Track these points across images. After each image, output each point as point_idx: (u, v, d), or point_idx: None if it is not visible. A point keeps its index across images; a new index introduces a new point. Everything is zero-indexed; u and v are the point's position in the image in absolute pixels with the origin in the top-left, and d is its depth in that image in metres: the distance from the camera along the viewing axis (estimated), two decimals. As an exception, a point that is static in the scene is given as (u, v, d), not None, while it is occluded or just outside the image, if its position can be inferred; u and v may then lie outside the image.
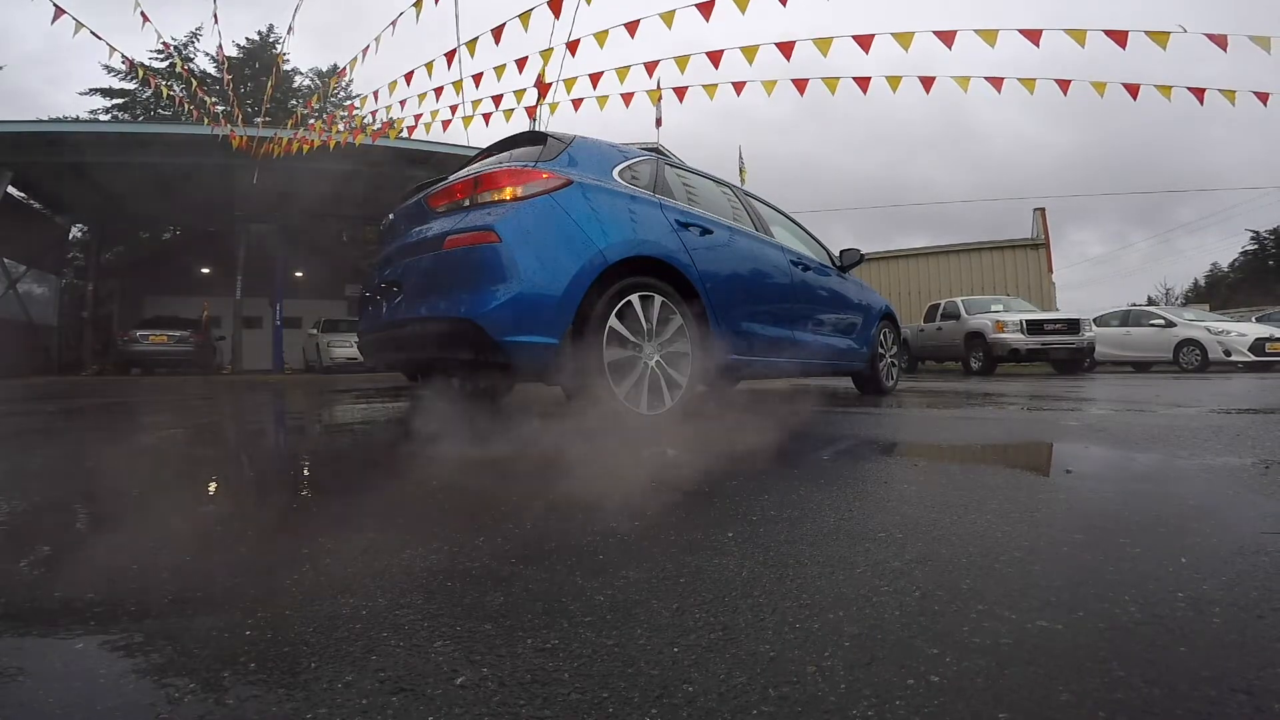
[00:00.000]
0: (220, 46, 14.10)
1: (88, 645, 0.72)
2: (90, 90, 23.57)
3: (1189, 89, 4.56)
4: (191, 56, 23.01)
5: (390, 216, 3.05)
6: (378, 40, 5.86)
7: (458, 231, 2.36)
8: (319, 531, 1.20)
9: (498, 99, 6.42)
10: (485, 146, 3.28)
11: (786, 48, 4.91)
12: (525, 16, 4.83)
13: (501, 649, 0.69)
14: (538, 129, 4.60)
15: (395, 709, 0.57)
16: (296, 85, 25.39)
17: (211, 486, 1.78)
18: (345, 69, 7.08)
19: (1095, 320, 11.35)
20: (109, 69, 22.08)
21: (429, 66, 5.90)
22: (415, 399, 3.30)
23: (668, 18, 4.77)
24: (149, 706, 0.59)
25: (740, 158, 15.96)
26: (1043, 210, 15.91)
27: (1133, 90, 4.58)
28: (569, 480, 1.63)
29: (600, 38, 5.06)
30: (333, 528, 1.24)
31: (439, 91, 6.30)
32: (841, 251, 4.52)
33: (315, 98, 20.27)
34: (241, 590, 0.88)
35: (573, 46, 5.02)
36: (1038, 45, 4.38)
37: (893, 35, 4.53)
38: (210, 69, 22.20)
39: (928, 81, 5.00)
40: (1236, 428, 2.45)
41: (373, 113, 7.88)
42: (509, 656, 0.67)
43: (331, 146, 8.94)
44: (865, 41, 4.61)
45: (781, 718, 0.55)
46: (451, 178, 2.80)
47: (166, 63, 19.14)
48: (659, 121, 12.65)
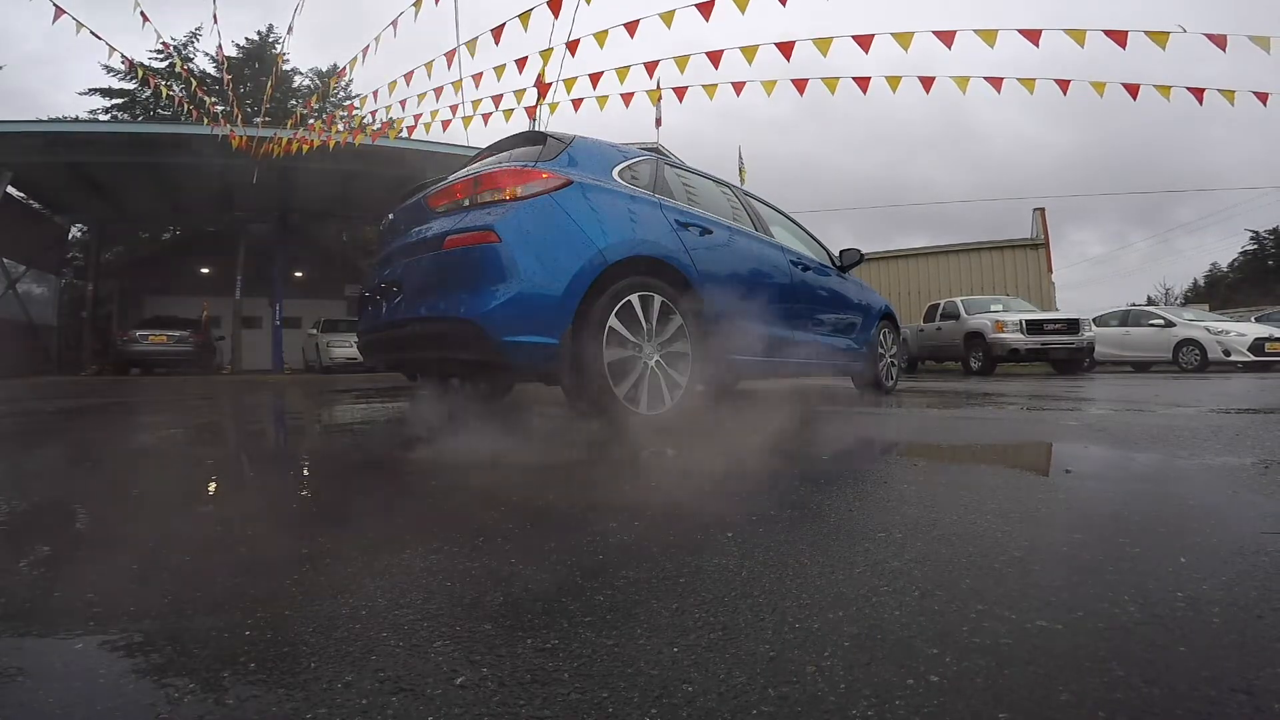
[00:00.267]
0: (220, 46, 14.11)
1: (88, 645, 0.72)
2: (90, 90, 23.57)
3: (1188, 89, 4.56)
4: (191, 56, 23.00)
5: (390, 216, 3.05)
6: (378, 40, 5.86)
7: (457, 231, 2.36)
8: (319, 531, 1.20)
9: (498, 99, 6.42)
10: (485, 146, 3.28)
11: (786, 48, 4.91)
12: (525, 16, 4.84)
13: (501, 649, 0.69)
14: (537, 129, 4.60)
15: (395, 709, 0.57)
16: (296, 85, 25.37)
17: (211, 486, 1.78)
18: (345, 69, 7.08)
19: (1095, 320, 11.34)
20: (109, 69, 22.07)
21: (429, 66, 5.90)
22: (415, 399, 3.30)
23: (667, 18, 4.77)
24: (149, 706, 0.59)
25: (740, 158, 15.97)
26: (1042, 210, 15.91)
27: (1132, 90, 4.59)
28: (568, 480, 1.63)
29: (600, 38, 5.06)
30: (332, 528, 1.24)
31: (439, 91, 6.30)
32: (841, 251, 4.52)
33: (315, 98, 20.26)
34: (241, 590, 0.88)
35: (572, 46, 5.02)
36: (1037, 45, 4.38)
37: (892, 35, 4.54)
38: (210, 69, 22.19)
39: (927, 81, 5.00)
40: (1236, 428, 2.45)
41: (372, 113, 7.89)
42: (509, 656, 0.67)
43: (331, 146, 8.95)
44: (865, 41, 4.61)
45: (781, 717, 0.55)
46: (451, 177, 2.80)
47: (166, 63, 19.13)
48: (659, 121, 12.66)
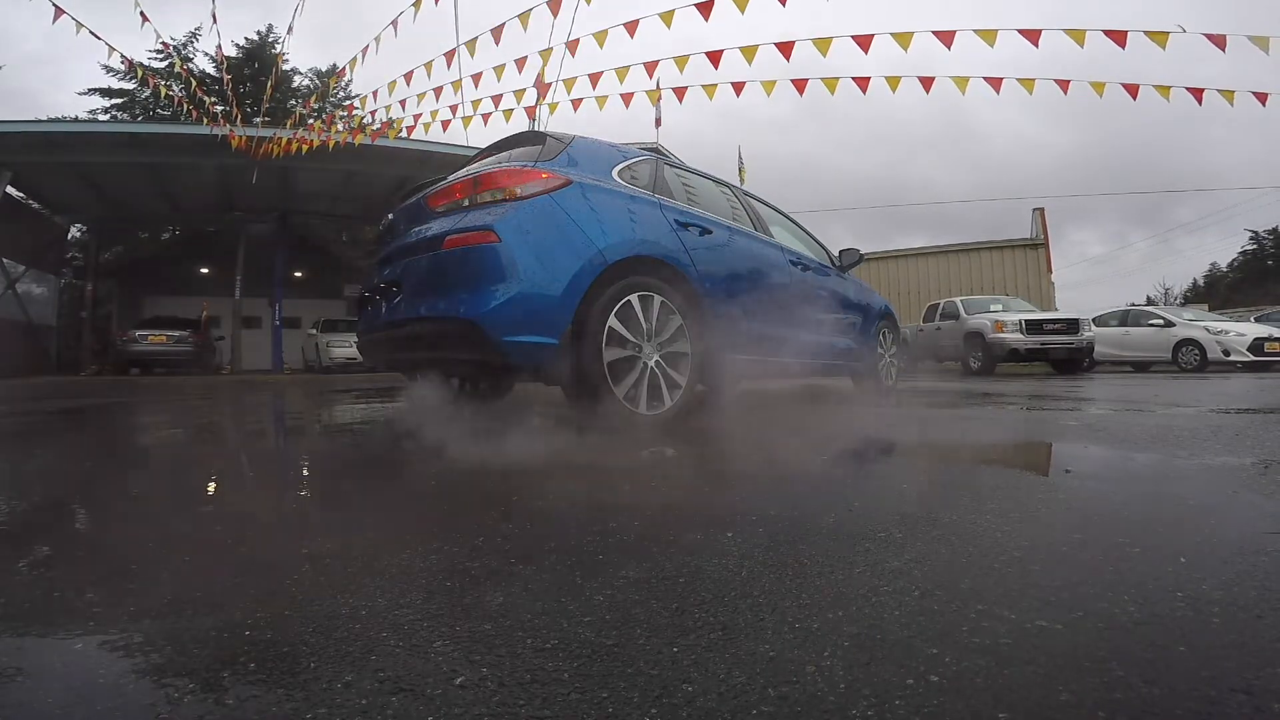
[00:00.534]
0: (219, 46, 14.08)
1: (87, 645, 0.72)
2: (89, 90, 23.50)
3: (1188, 89, 4.57)
4: (191, 56, 22.93)
5: (389, 216, 3.05)
6: (377, 40, 5.86)
7: (457, 231, 2.36)
8: (318, 531, 1.20)
9: (497, 99, 6.43)
10: (485, 146, 3.28)
11: (786, 48, 4.91)
12: (525, 16, 4.84)
13: (501, 649, 0.69)
14: (537, 129, 4.60)
15: (395, 709, 0.57)
16: (296, 85, 25.33)
17: (210, 486, 1.78)
18: (345, 69, 7.08)
19: (1094, 320, 11.34)
20: (108, 69, 22.00)
21: (428, 66, 5.90)
22: (414, 399, 3.30)
23: (667, 18, 4.77)
24: (149, 706, 0.59)
25: (740, 158, 15.97)
26: (1042, 210, 15.92)
27: (1132, 90, 4.59)
28: (568, 480, 1.63)
29: (600, 38, 5.07)
30: (332, 528, 1.24)
31: (439, 91, 6.31)
32: (841, 251, 4.52)
33: (315, 97, 20.24)
34: (241, 590, 0.88)
35: (572, 46, 5.02)
36: (1037, 45, 4.39)
37: (892, 35, 4.54)
38: (210, 69, 22.16)
39: (927, 81, 5.01)
40: (1235, 427, 2.45)
41: (372, 113, 7.89)
42: (509, 656, 0.67)
43: (331, 146, 8.95)
44: (865, 41, 4.62)
45: (781, 717, 0.55)
46: (451, 178, 2.80)
47: (166, 63, 19.10)
48: (658, 121, 12.67)
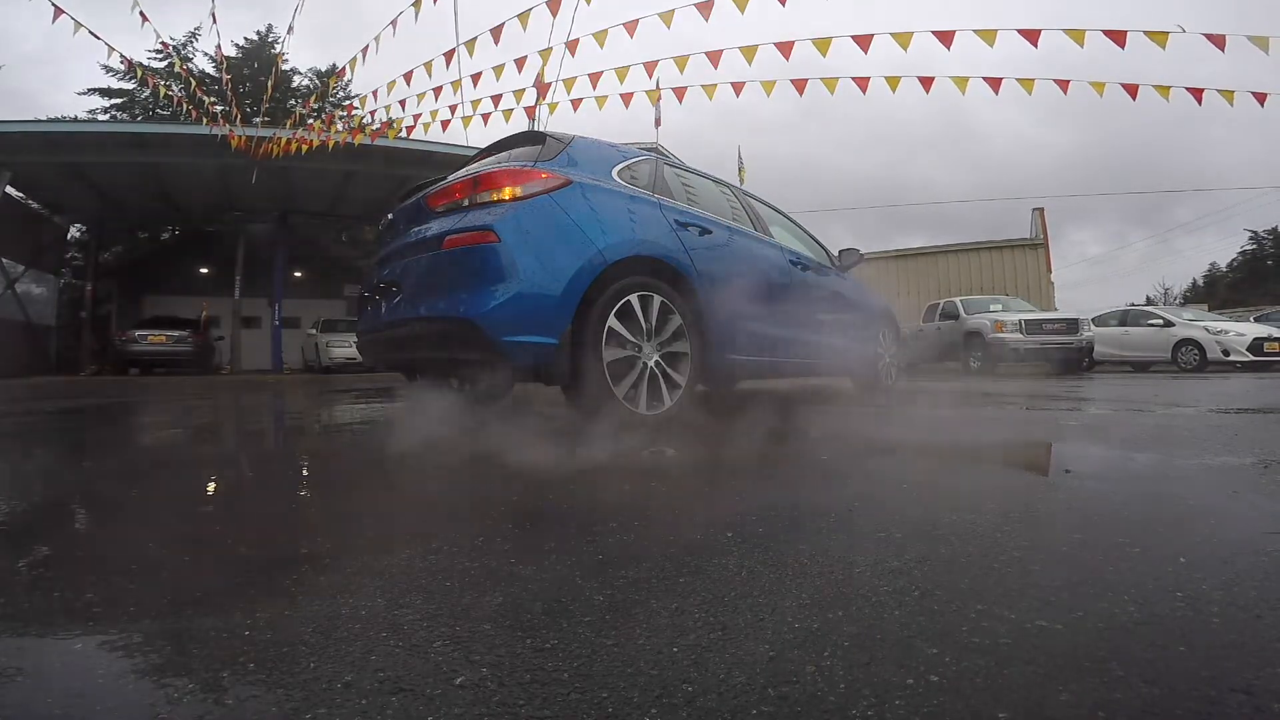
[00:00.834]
0: (219, 46, 14.06)
1: (87, 645, 0.72)
2: (89, 90, 23.48)
3: (1187, 89, 4.57)
4: (190, 56, 22.91)
5: (389, 216, 3.05)
6: (377, 40, 5.86)
7: (457, 231, 2.36)
8: (319, 531, 1.20)
9: (497, 99, 6.42)
10: (484, 146, 3.28)
11: (786, 48, 4.91)
12: (524, 16, 4.84)
13: (501, 649, 0.69)
14: (537, 129, 4.60)
15: (394, 709, 0.57)
16: (295, 85, 25.32)
17: (210, 486, 1.78)
18: (344, 69, 7.08)
19: (1094, 320, 11.34)
20: (108, 69, 21.98)
21: (428, 66, 5.90)
22: (414, 399, 3.30)
23: (667, 18, 4.77)
24: (149, 706, 0.59)
25: (739, 158, 15.97)
26: (1041, 210, 15.93)
27: (1132, 90, 4.59)
28: (568, 480, 1.63)
29: (599, 38, 5.06)
30: (332, 528, 1.24)
31: (438, 91, 6.30)
32: (841, 251, 4.52)
33: (314, 97, 20.22)
34: (241, 590, 0.88)
35: (572, 46, 5.02)
36: (1036, 45, 4.39)
37: (892, 35, 4.54)
38: (209, 69, 22.15)
39: (927, 81, 5.01)
40: (1235, 427, 2.45)
41: (371, 112, 7.88)
42: (508, 656, 0.67)
43: (330, 146, 8.94)
44: (864, 41, 4.61)
45: (781, 717, 0.55)
46: (450, 178, 2.80)
47: (165, 62, 19.08)
48: (658, 121, 12.65)
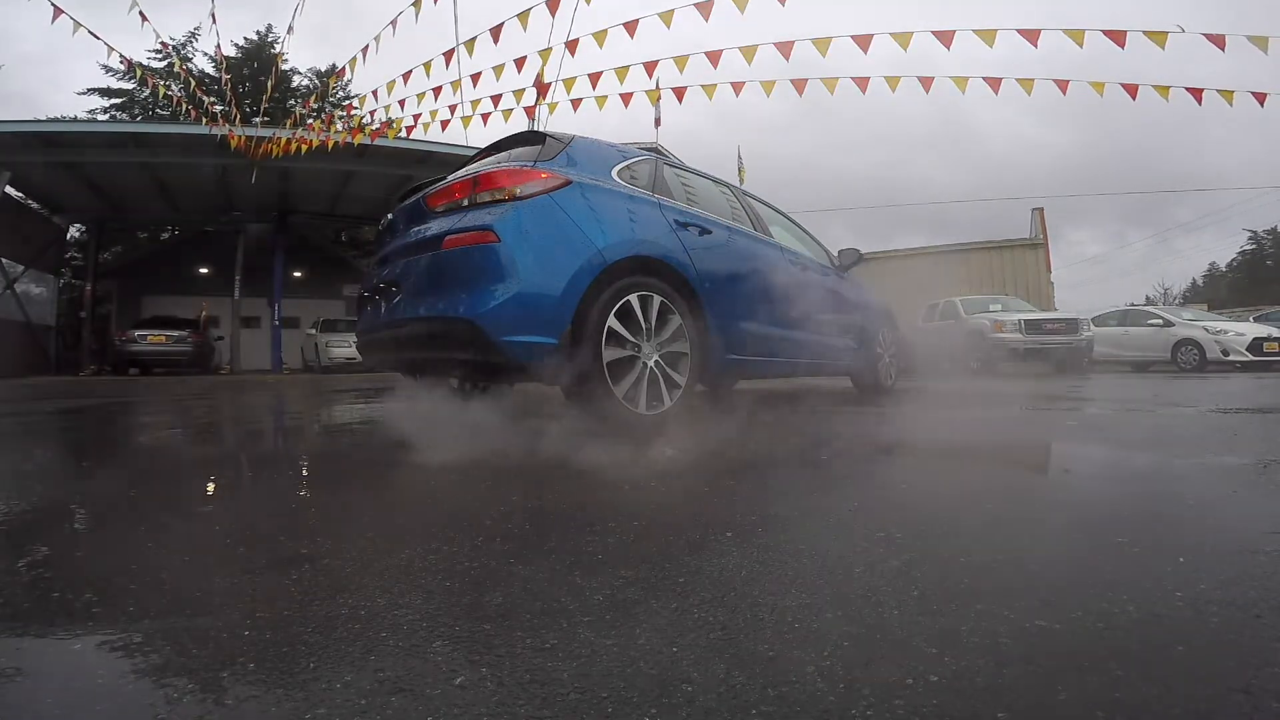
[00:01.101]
0: (218, 46, 14.06)
1: (86, 645, 0.72)
2: (88, 90, 23.46)
3: (1187, 89, 4.57)
4: (190, 56, 22.91)
5: (389, 216, 3.05)
6: (377, 40, 5.85)
7: (456, 231, 2.36)
8: (319, 531, 1.20)
9: (497, 99, 6.41)
10: (484, 146, 3.28)
11: (785, 48, 4.91)
12: (524, 16, 4.83)
13: (500, 649, 0.69)
14: (536, 129, 4.60)
15: (394, 709, 0.57)
16: (295, 85, 25.30)
17: (210, 487, 1.78)
18: (344, 69, 7.08)
19: (1093, 320, 11.35)
20: (107, 69, 21.96)
21: (427, 66, 5.89)
22: (413, 399, 3.30)
23: (666, 17, 4.76)
24: (148, 706, 0.59)
25: (739, 158, 15.97)
26: (1041, 210, 15.90)
27: (1131, 90, 4.59)
28: (567, 480, 1.63)
29: (599, 37, 5.06)
30: (332, 528, 1.24)
31: (438, 91, 6.29)
32: (840, 251, 4.52)
33: (314, 97, 20.21)
34: (241, 590, 0.88)
35: (572, 46, 5.01)
36: (1036, 45, 4.39)
37: (891, 35, 4.54)
38: (209, 69, 22.14)
39: (926, 81, 5.00)
40: (1234, 427, 2.45)
41: (371, 112, 7.87)
42: (508, 656, 0.67)
43: (330, 146, 8.93)
44: (864, 41, 4.61)
45: (781, 717, 0.55)
46: (450, 178, 2.80)
47: (165, 62, 19.07)
48: (658, 121, 12.67)
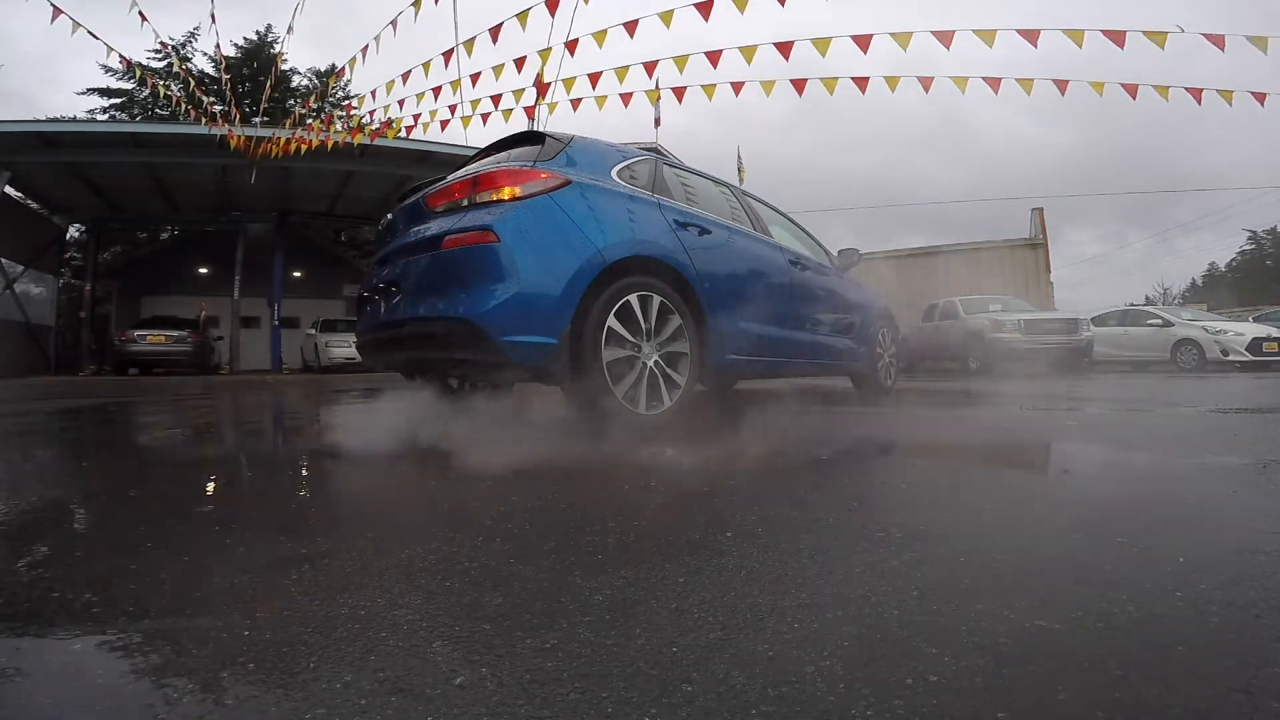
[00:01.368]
0: (218, 46, 14.03)
1: (86, 645, 0.72)
2: (88, 90, 23.49)
3: (1186, 89, 4.57)
4: (189, 56, 22.91)
5: (388, 216, 3.05)
6: (377, 40, 5.85)
7: (456, 231, 2.36)
8: (318, 531, 1.20)
9: (496, 99, 6.41)
10: (483, 146, 3.28)
11: (785, 48, 4.91)
12: (523, 16, 4.83)
13: (500, 649, 0.69)
14: (536, 129, 4.60)
15: (394, 709, 0.57)
16: (295, 85, 25.30)
17: (210, 486, 1.78)
18: (344, 69, 7.07)
19: (1093, 320, 11.36)
20: (106, 69, 21.98)
21: (427, 66, 5.89)
22: (413, 399, 3.30)
23: (666, 17, 4.76)
24: (148, 706, 0.58)
25: (739, 158, 15.97)
26: (1040, 210, 15.91)
27: (1131, 90, 4.59)
28: (567, 480, 1.63)
29: (599, 37, 5.06)
30: (331, 528, 1.24)
31: (437, 91, 6.29)
32: (840, 251, 4.52)
33: (314, 97, 20.20)
34: (241, 590, 0.88)
35: (571, 46, 5.01)
36: (1035, 45, 4.39)
37: (891, 35, 4.54)
38: (208, 69, 22.14)
39: (926, 81, 5.00)
40: (1233, 427, 2.45)
41: (371, 112, 7.86)
42: (508, 656, 0.67)
43: (330, 146, 8.93)
44: (864, 41, 4.61)
45: (780, 717, 0.55)
46: (450, 177, 2.80)
47: (164, 62, 19.06)
48: (658, 121, 12.67)
